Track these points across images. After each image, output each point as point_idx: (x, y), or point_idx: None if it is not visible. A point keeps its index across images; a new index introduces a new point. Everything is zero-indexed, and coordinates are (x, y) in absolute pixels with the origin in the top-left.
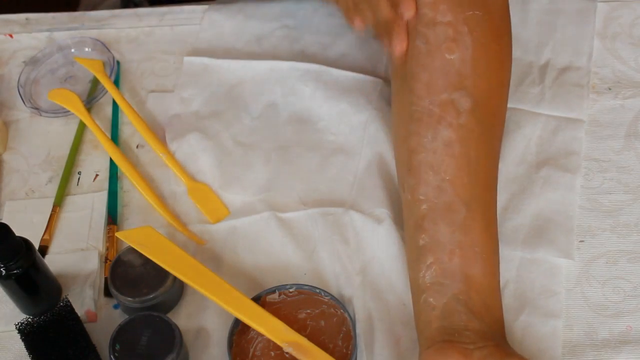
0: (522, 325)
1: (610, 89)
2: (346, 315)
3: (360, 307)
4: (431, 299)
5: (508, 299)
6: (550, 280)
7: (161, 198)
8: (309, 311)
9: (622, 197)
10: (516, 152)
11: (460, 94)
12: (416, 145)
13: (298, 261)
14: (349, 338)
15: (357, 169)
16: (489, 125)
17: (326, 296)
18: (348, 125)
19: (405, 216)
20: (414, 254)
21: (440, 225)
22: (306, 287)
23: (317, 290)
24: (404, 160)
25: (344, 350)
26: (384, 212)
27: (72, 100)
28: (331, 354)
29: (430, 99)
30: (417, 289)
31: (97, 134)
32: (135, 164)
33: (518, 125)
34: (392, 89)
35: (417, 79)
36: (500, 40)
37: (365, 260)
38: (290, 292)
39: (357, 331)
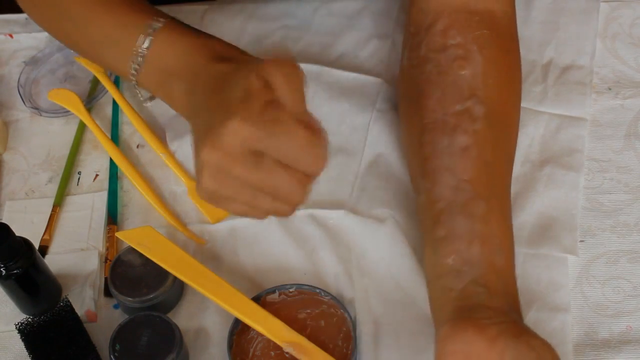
0: (531, 320)
1: (610, 88)
2: (346, 315)
3: (363, 308)
4: (449, 284)
5: None
6: (556, 272)
7: (161, 198)
8: (309, 311)
9: (622, 197)
10: (520, 150)
11: (473, 101)
12: (431, 152)
13: (298, 261)
14: (349, 338)
15: (358, 170)
16: (503, 132)
17: (326, 296)
18: (349, 126)
19: (420, 217)
20: (431, 248)
21: (458, 218)
22: (306, 287)
23: (317, 290)
24: (416, 168)
25: (344, 350)
26: (385, 211)
27: (72, 100)
28: (331, 354)
29: (444, 111)
30: (433, 277)
31: (97, 134)
32: (135, 164)
33: (521, 124)
34: (400, 110)
35: (429, 96)
36: (508, 56)
37: (366, 260)
38: (290, 292)
39: (362, 332)
